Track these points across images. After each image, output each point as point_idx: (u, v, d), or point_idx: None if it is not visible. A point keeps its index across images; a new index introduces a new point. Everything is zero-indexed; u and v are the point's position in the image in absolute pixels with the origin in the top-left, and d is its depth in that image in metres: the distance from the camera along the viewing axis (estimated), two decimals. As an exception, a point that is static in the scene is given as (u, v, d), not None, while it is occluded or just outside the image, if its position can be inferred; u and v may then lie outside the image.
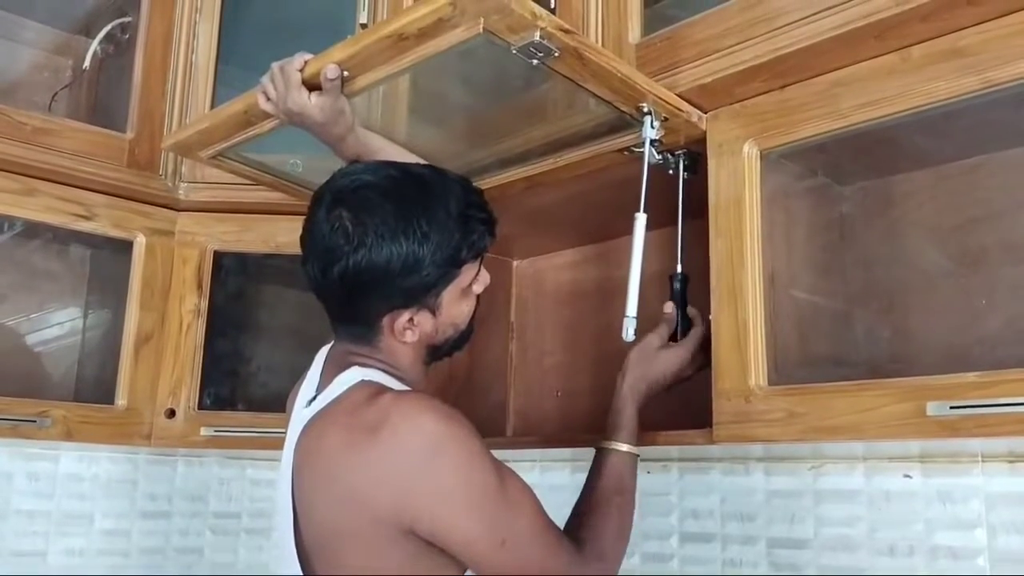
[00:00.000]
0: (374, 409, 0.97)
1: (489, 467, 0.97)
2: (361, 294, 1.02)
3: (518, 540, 0.97)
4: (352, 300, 1.03)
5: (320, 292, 1.05)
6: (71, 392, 1.82)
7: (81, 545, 1.93)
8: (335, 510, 0.98)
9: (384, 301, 1.03)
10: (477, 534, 0.95)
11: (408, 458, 0.94)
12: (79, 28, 1.99)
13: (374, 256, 0.99)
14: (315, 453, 1.01)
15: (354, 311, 1.05)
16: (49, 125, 1.62)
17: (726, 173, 1.19)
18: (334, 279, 1.01)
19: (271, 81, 1.13)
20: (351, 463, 0.96)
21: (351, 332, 1.08)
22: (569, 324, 1.82)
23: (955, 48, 1.00)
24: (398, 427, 0.94)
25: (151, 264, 1.73)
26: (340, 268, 1.00)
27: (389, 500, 0.94)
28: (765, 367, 1.13)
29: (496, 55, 1.00)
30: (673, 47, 1.20)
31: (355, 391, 1.01)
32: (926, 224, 1.26)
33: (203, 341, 1.74)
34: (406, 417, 0.95)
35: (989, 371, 0.93)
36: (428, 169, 1.08)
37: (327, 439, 1.00)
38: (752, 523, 1.46)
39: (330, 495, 0.98)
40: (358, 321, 1.06)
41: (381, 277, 1.00)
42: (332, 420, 1.01)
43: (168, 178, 1.73)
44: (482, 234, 1.06)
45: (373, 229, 0.99)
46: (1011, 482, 1.21)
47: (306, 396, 1.09)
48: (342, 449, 0.97)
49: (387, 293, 1.02)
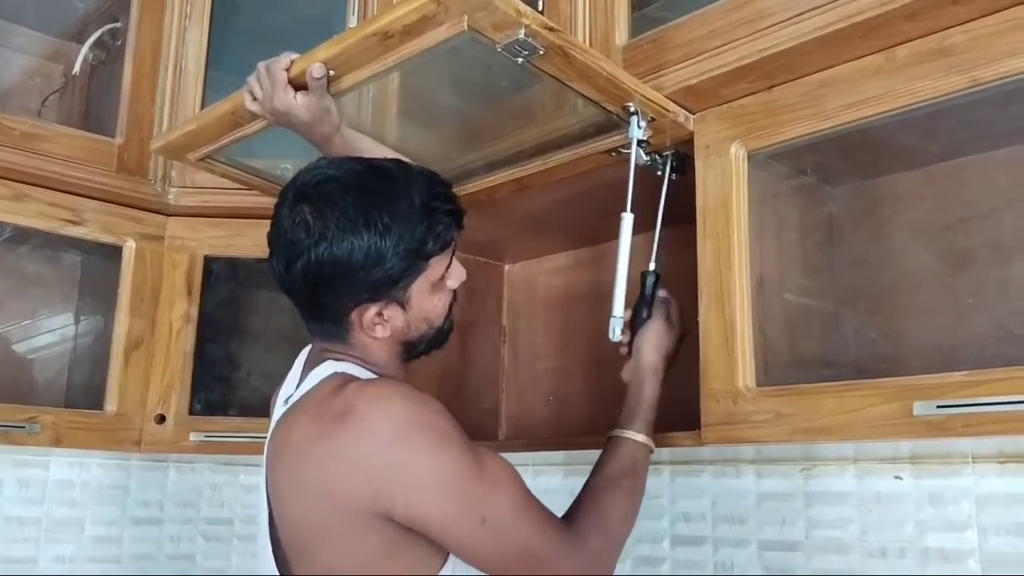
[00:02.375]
0: (340, 397, 0.96)
1: (462, 446, 0.95)
2: (326, 289, 1.01)
3: (500, 517, 0.95)
4: (318, 295, 1.02)
5: (287, 289, 1.04)
6: (61, 398, 1.81)
7: (72, 552, 1.92)
8: (307, 503, 0.97)
9: (350, 295, 1.02)
10: (455, 514, 0.93)
11: (377, 443, 0.92)
12: (70, 34, 1.99)
13: (335, 249, 0.98)
14: (285, 447, 1.00)
15: (322, 307, 1.04)
16: (39, 130, 1.62)
17: (713, 174, 1.19)
18: (297, 274, 1.00)
19: (257, 81, 1.13)
20: (320, 453, 0.94)
21: (323, 329, 1.07)
22: (561, 328, 1.81)
23: (941, 47, 1.00)
24: (365, 413, 0.93)
25: (141, 269, 1.73)
26: (303, 263, 0.99)
27: (362, 488, 0.92)
28: (753, 368, 1.13)
29: (482, 54, 1.00)
30: (659, 49, 1.20)
31: (326, 383, 1.01)
32: (914, 225, 1.26)
33: (193, 346, 1.74)
34: (372, 403, 0.94)
35: (976, 370, 0.93)
36: (394, 163, 1.07)
37: (296, 431, 0.99)
38: (743, 526, 1.45)
39: (301, 488, 0.97)
40: (327, 317, 1.05)
41: (344, 270, 0.99)
42: (302, 412, 1.00)
43: (158, 183, 1.73)
44: (448, 225, 1.04)
45: (334, 222, 0.98)
46: (1001, 483, 1.21)
47: (285, 395, 1.09)
48: (311, 439, 0.96)
49: (352, 287, 1.01)
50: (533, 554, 0.97)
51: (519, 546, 0.96)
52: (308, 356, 1.13)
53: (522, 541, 0.96)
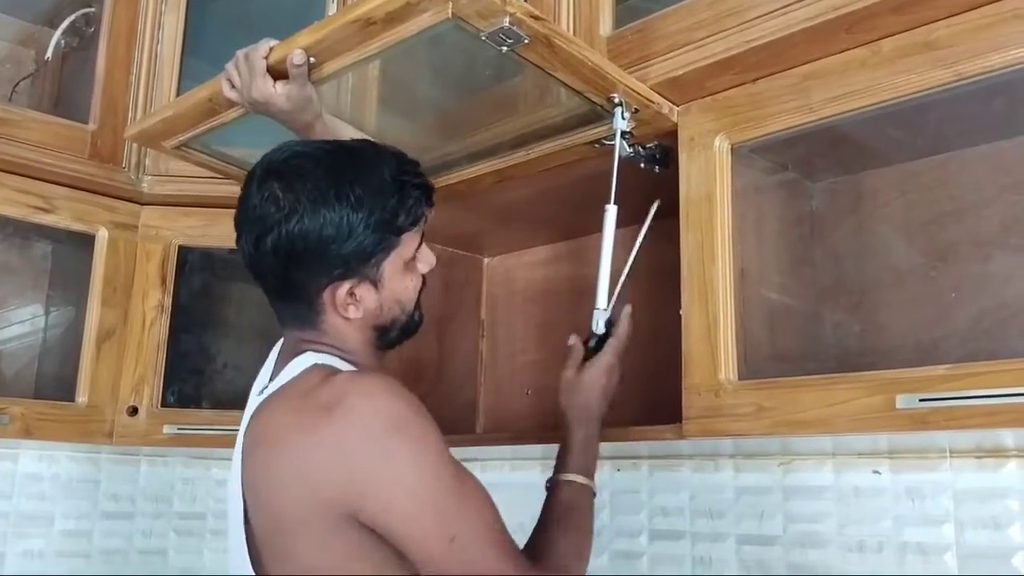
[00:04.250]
0: (328, 389, 0.93)
1: (447, 459, 0.93)
2: (297, 264, 0.98)
3: (470, 538, 0.92)
4: (289, 273, 1.00)
5: (256, 270, 1.02)
6: (31, 389, 1.78)
7: (40, 546, 1.88)
8: (283, 495, 0.93)
9: (321, 271, 0.99)
10: (427, 526, 0.90)
11: (363, 438, 0.90)
12: (42, 19, 1.96)
13: (307, 222, 0.96)
14: (263, 436, 0.98)
15: (293, 286, 1.01)
16: (10, 115, 1.59)
17: (697, 167, 1.19)
18: (267, 251, 0.98)
19: (236, 68, 1.11)
20: (302, 444, 0.92)
21: (294, 313, 1.04)
22: (541, 322, 1.81)
23: (926, 41, 1.00)
24: (355, 406, 0.91)
25: (114, 259, 1.70)
26: (273, 238, 0.97)
27: (337, 482, 0.89)
28: (735, 361, 1.12)
29: (466, 42, 0.99)
30: (644, 40, 1.19)
31: (309, 374, 0.98)
32: (896, 220, 1.26)
33: (167, 338, 1.72)
34: (364, 396, 0.92)
35: (958, 364, 0.94)
36: (362, 141, 1.07)
37: (276, 420, 0.97)
38: (722, 520, 1.45)
39: (278, 479, 0.94)
40: (298, 297, 1.02)
41: (315, 244, 0.97)
42: (283, 402, 0.98)
43: (131, 171, 1.70)
44: (418, 200, 1.03)
45: (305, 195, 0.97)
46: (979, 478, 1.21)
47: (260, 387, 1.07)
48: (293, 430, 0.94)
49: (324, 262, 0.98)
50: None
51: (484, 571, 0.92)
52: (282, 347, 1.10)
53: (488, 567, 0.92)
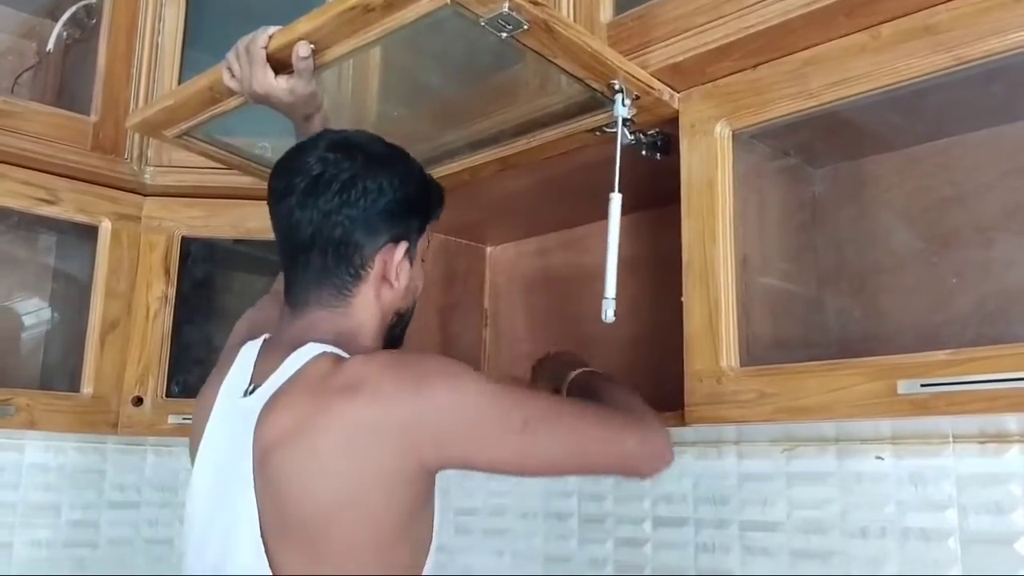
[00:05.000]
0: (343, 373, 0.93)
1: (479, 376, 0.96)
2: (365, 220, 1.01)
3: (540, 414, 0.95)
4: (349, 233, 1.01)
5: (300, 236, 1.01)
6: (36, 380, 1.79)
7: (48, 536, 1.89)
8: (327, 481, 0.91)
9: (384, 229, 1.03)
10: (492, 427, 0.93)
11: (399, 405, 0.90)
12: (44, 11, 1.95)
13: (380, 177, 1.02)
14: (284, 437, 0.93)
15: (346, 252, 1.02)
16: (11, 107, 1.59)
17: (698, 154, 1.18)
18: (331, 208, 1.00)
19: (236, 59, 1.11)
20: (335, 427, 0.91)
21: (330, 284, 1.02)
22: (543, 311, 1.81)
23: (926, 25, 1.00)
24: (379, 383, 0.91)
25: (117, 250, 1.70)
26: (342, 194, 1.00)
27: (393, 448, 0.90)
28: (737, 348, 1.12)
29: (465, 29, 0.98)
30: (645, 26, 1.19)
31: (318, 361, 0.96)
32: (897, 205, 1.26)
33: (171, 328, 1.72)
34: (384, 370, 0.93)
35: (960, 349, 0.93)
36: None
37: (296, 412, 0.93)
38: (725, 506, 1.45)
39: (317, 469, 0.91)
40: (347, 261, 1.02)
41: (387, 200, 1.02)
42: (296, 395, 0.94)
43: (134, 162, 1.71)
44: (439, 196, 1.10)
45: (371, 158, 1.03)
46: (981, 463, 1.21)
47: (237, 387, 1.03)
48: (318, 415, 0.91)
49: (390, 217, 1.03)
50: (594, 437, 0.99)
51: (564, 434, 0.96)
52: (266, 347, 1.06)
53: (565, 428, 0.97)
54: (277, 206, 1.04)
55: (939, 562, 1.22)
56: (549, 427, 0.95)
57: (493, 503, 1.78)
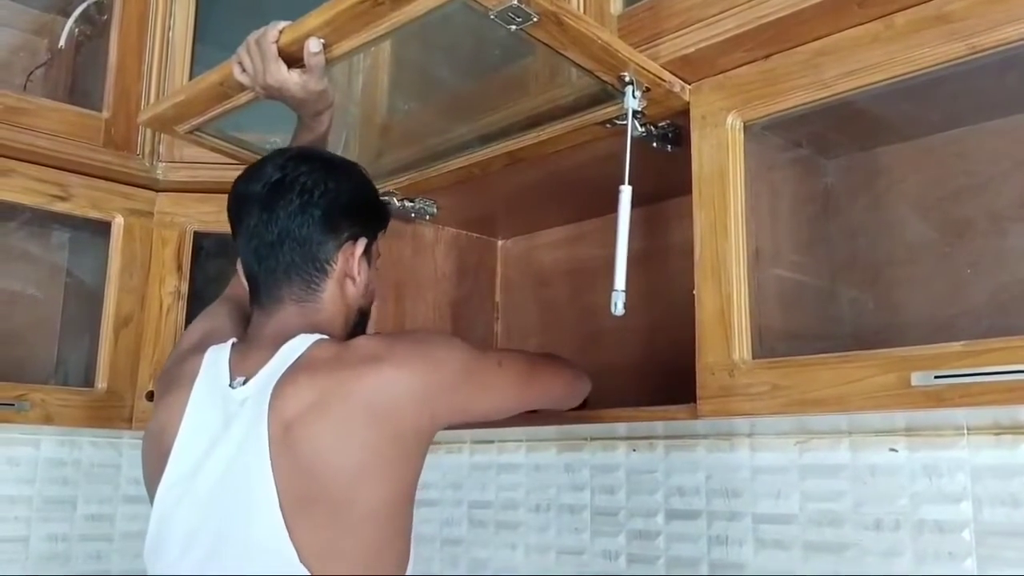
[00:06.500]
0: (354, 349, 1.02)
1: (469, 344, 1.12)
2: (327, 215, 1.08)
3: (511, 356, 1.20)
4: (313, 232, 1.08)
5: (274, 235, 1.08)
6: (50, 375, 1.80)
7: (64, 530, 1.91)
8: (352, 444, 0.98)
9: (351, 220, 1.11)
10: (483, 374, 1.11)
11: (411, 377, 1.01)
12: (55, 8, 1.96)
13: (340, 180, 1.11)
14: (315, 403, 0.97)
15: (310, 248, 1.09)
16: (24, 104, 1.60)
17: (709, 145, 1.18)
18: (294, 211, 1.07)
19: (247, 54, 1.11)
20: (358, 390, 0.99)
21: (300, 280, 1.09)
22: (554, 304, 1.80)
23: (940, 14, 0.99)
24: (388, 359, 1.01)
25: (130, 246, 1.71)
26: (305, 195, 1.08)
27: (412, 411, 1.00)
28: (749, 340, 1.12)
29: (475, 22, 0.98)
30: (655, 17, 1.18)
31: (319, 345, 1.03)
32: (911, 196, 1.25)
33: (183, 323, 1.72)
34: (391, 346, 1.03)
35: (974, 340, 0.93)
36: None
37: (309, 391, 0.98)
38: (738, 499, 1.45)
39: (342, 434, 0.97)
40: (314, 257, 1.09)
41: (347, 194, 1.11)
42: (309, 374, 1.00)
43: (146, 158, 1.71)
44: (386, 212, 1.21)
45: (330, 164, 1.13)
46: (996, 454, 1.20)
47: (217, 383, 1.05)
48: (343, 382, 0.99)
49: (352, 211, 1.11)
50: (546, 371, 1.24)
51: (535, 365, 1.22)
52: (237, 348, 1.10)
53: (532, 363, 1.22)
54: (240, 212, 1.12)
55: (953, 554, 1.21)
56: (514, 361, 1.17)
57: (505, 496, 1.79)
